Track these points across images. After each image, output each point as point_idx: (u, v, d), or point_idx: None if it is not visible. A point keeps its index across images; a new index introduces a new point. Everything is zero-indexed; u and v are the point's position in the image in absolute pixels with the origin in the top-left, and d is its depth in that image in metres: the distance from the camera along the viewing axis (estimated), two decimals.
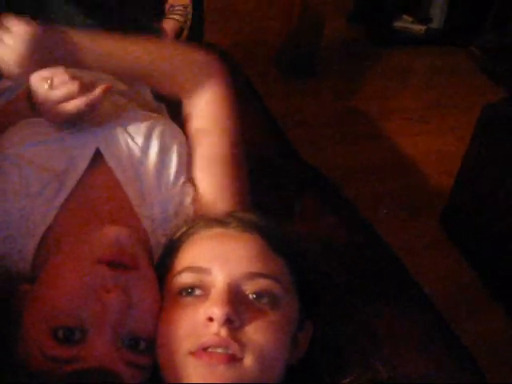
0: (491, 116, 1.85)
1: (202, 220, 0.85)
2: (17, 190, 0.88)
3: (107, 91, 0.92)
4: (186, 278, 0.74)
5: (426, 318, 0.95)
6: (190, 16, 1.61)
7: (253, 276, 0.73)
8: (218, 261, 0.74)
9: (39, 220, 0.87)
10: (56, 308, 0.69)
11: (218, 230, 0.80)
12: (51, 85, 0.91)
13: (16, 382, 0.65)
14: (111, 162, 0.94)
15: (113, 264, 0.73)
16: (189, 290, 0.74)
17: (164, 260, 0.81)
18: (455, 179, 2.06)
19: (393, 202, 2.23)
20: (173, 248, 0.81)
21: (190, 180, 0.98)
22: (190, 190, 0.96)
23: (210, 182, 0.98)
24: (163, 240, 0.88)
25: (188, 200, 0.95)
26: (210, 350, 0.68)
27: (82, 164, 0.93)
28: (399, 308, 0.94)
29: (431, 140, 2.56)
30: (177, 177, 0.96)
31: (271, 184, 1.11)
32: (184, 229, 0.84)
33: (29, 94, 0.95)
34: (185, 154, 0.99)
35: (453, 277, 1.99)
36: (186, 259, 0.77)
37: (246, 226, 0.80)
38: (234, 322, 0.68)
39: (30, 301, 0.72)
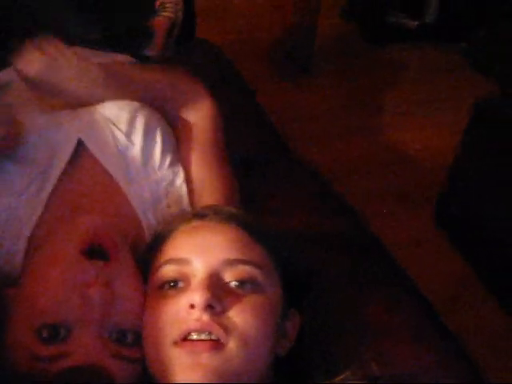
0: (483, 111, 1.85)
1: (180, 215, 0.86)
2: (0, 188, 0.88)
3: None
4: (166, 272, 0.75)
5: (417, 311, 0.95)
6: (180, 13, 1.60)
7: (232, 262, 0.74)
8: (196, 251, 0.75)
9: (26, 219, 0.86)
10: (38, 307, 0.69)
11: (195, 223, 0.81)
12: None
13: None
14: (94, 149, 0.94)
15: (91, 253, 0.73)
16: (171, 284, 0.74)
17: (146, 256, 0.82)
18: (448, 174, 2.06)
19: (386, 197, 2.23)
20: (154, 244, 0.82)
21: (179, 161, 0.99)
22: (179, 170, 0.97)
23: (200, 164, 1.00)
24: (154, 221, 0.90)
25: (179, 180, 0.96)
26: (193, 336, 0.68)
27: (64, 156, 0.92)
28: (389, 301, 0.94)
29: (425, 135, 2.55)
30: (163, 158, 0.96)
31: (260, 180, 1.11)
32: (163, 225, 0.85)
33: None
34: (168, 135, 1.00)
35: (447, 271, 1.99)
36: (166, 253, 0.78)
37: (224, 218, 0.81)
38: (215, 308, 0.69)
39: (14, 302, 0.72)
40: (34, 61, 0.93)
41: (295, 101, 2.69)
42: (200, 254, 0.74)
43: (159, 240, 0.82)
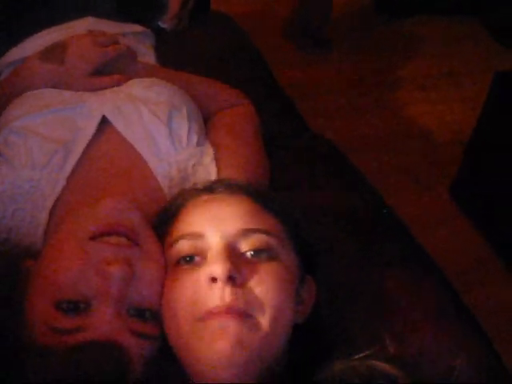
0: (503, 84, 1.81)
1: (189, 190, 0.85)
2: (23, 162, 0.88)
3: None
4: (181, 247, 0.74)
5: (435, 288, 0.94)
6: None
7: (247, 232, 0.73)
8: (210, 224, 0.74)
9: (48, 191, 0.87)
10: (58, 283, 0.69)
11: (205, 197, 0.81)
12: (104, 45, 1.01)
13: (22, 358, 0.65)
14: (120, 126, 0.94)
15: (113, 234, 0.73)
16: (187, 259, 0.74)
17: (158, 231, 0.81)
18: (465, 149, 2.03)
19: (403, 173, 2.21)
20: (164, 219, 0.82)
21: (207, 140, 0.99)
22: (208, 149, 0.96)
23: (234, 145, 1.00)
24: None
25: (207, 159, 0.95)
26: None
27: (88, 132, 0.93)
28: (408, 278, 0.93)
29: (443, 109, 2.52)
30: (190, 136, 0.95)
31: (281, 157, 1.10)
32: (172, 200, 0.85)
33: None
34: (195, 115, 0.99)
35: (464, 248, 1.97)
36: (178, 229, 0.77)
37: (234, 190, 0.80)
38: (236, 279, 0.68)
39: (34, 276, 0.73)
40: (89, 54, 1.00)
41: (310, 74, 2.67)
42: (214, 227, 0.74)
43: (169, 215, 0.82)
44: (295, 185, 1.11)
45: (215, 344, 0.67)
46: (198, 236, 0.74)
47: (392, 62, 2.80)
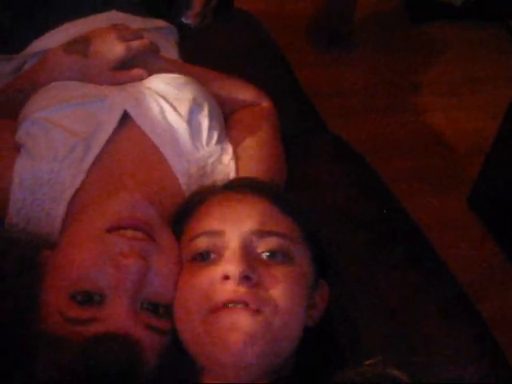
0: None
1: (208, 187, 0.87)
2: (44, 153, 0.89)
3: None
4: (200, 243, 0.75)
5: (446, 292, 0.94)
6: None
7: (263, 233, 0.74)
8: (229, 222, 0.75)
9: (67, 184, 0.88)
10: (73, 274, 0.70)
11: (225, 195, 0.81)
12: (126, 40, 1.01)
13: (34, 348, 0.66)
14: (141, 121, 0.95)
15: (130, 228, 0.73)
16: (203, 255, 0.74)
17: (175, 228, 0.82)
18: (486, 158, 2.01)
19: (420, 179, 2.19)
20: (183, 216, 0.82)
21: (227, 138, 1.00)
22: (228, 147, 0.96)
23: (252, 143, 1.01)
24: None
25: (227, 158, 0.95)
26: (229, 305, 0.68)
27: (109, 126, 0.93)
28: (419, 281, 0.93)
29: (463, 116, 2.49)
30: (210, 133, 0.96)
31: (296, 156, 1.10)
32: (191, 196, 0.86)
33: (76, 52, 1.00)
34: (216, 112, 1.00)
35: (480, 257, 1.95)
36: (198, 226, 0.78)
37: (254, 190, 0.81)
38: (251, 279, 0.69)
39: (50, 266, 0.74)
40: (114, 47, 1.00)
41: (331, 75, 2.65)
42: (233, 226, 0.75)
43: (188, 212, 0.82)
44: (307, 184, 1.11)
45: (226, 338, 0.67)
46: (217, 234, 0.75)
47: (412, 66, 2.78)
